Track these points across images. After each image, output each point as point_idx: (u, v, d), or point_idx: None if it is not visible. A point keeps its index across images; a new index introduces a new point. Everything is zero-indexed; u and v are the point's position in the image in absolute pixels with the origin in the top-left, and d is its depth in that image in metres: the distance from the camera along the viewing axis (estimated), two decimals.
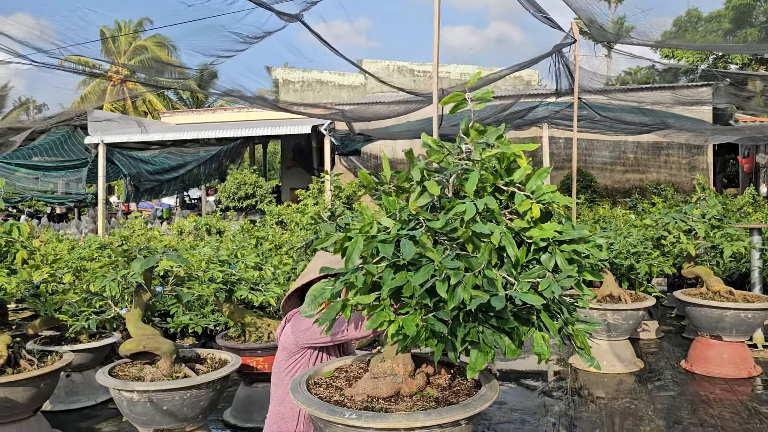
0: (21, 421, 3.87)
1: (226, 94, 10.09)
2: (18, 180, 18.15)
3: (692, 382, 5.21)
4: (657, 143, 18.03)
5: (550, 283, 2.02)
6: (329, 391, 2.27)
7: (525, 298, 1.95)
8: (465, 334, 1.99)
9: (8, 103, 35.95)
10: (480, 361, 2.01)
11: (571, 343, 2.18)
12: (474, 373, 1.98)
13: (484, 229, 1.98)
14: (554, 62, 10.03)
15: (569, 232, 2.12)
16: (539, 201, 2.14)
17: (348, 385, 2.31)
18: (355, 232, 2.17)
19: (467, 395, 2.27)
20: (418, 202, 2.22)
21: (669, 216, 5.61)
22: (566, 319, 2.17)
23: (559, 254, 2.11)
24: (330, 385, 2.35)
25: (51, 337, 4.90)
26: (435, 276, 1.94)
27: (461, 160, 2.29)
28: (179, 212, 22.68)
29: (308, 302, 2.12)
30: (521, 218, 2.17)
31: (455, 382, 2.39)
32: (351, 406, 2.10)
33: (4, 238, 4.67)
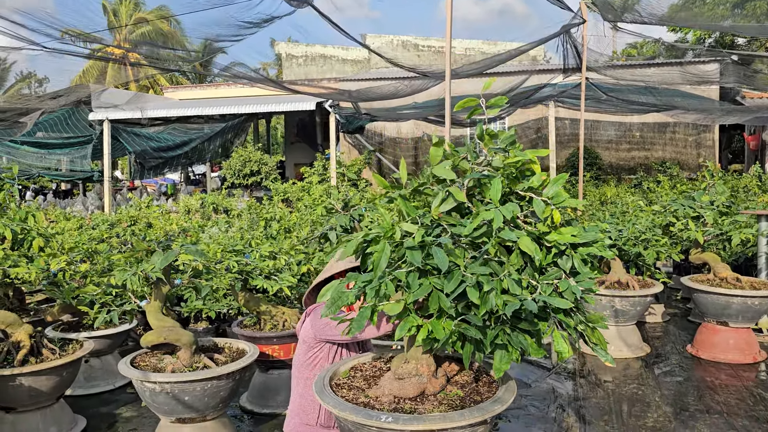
0: (45, 408, 3.98)
1: (234, 77, 10.04)
2: (23, 157, 18.17)
3: (698, 367, 5.31)
4: (663, 122, 17.95)
5: (569, 285, 2.09)
6: (353, 392, 2.32)
7: (554, 302, 2.02)
8: (494, 336, 2.05)
9: (9, 77, 35.75)
10: (506, 362, 2.07)
11: (584, 340, 2.23)
12: (501, 373, 2.05)
13: (512, 236, 2.03)
14: (562, 42, 9.96)
15: (584, 236, 2.18)
16: (557, 206, 2.19)
17: (367, 385, 2.38)
18: (379, 237, 2.22)
19: (488, 393, 2.34)
20: (441, 208, 2.26)
21: (677, 203, 5.65)
22: (580, 318, 2.23)
23: (576, 257, 2.17)
24: (351, 386, 2.40)
25: (69, 323, 4.99)
26: (464, 282, 1.99)
27: (478, 165, 2.32)
28: (184, 188, 22.71)
29: (328, 305, 2.17)
30: (540, 222, 2.22)
31: (473, 380, 2.46)
32: (379, 408, 2.16)
33: (21, 225, 4.74)
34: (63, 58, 13.32)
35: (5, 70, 35.40)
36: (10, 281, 4.89)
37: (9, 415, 3.87)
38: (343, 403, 2.17)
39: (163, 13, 30.46)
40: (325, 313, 2.23)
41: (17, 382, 3.72)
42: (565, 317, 2.17)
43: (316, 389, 2.28)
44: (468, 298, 2.03)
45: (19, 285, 5.18)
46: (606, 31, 9.49)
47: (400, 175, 2.31)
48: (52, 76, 32.40)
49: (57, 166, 18.80)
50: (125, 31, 30.07)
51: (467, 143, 2.31)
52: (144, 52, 14.57)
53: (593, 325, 2.21)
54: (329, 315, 2.24)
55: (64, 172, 18.89)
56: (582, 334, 2.18)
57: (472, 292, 1.97)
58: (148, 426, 4.19)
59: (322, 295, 2.27)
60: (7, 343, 3.90)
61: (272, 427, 4.19)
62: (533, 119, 19.09)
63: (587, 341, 2.19)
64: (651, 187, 11.78)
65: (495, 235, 2.08)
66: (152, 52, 13.44)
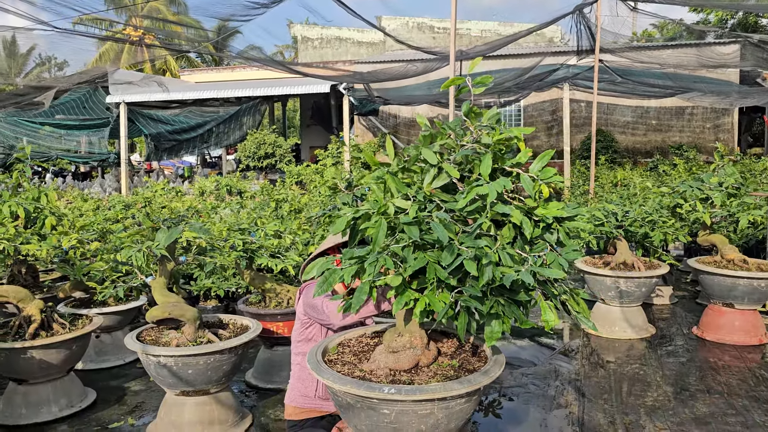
0: (56, 381, 4.10)
1: (248, 59, 10.09)
2: (42, 139, 18.45)
3: (702, 348, 5.31)
4: (681, 105, 17.70)
5: (555, 257, 2.14)
6: (347, 367, 2.37)
7: (548, 273, 2.07)
8: (489, 307, 2.10)
9: (30, 61, 36.13)
10: (497, 332, 2.13)
11: (566, 309, 2.27)
12: (492, 341, 2.11)
13: (506, 210, 2.07)
14: (575, 22, 9.87)
15: (569, 210, 2.22)
16: (545, 181, 2.22)
17: (358, 360, 2.43)
18: (369, 213, 2.26)
19: (478, 363, 2.40)
20: (434, 184, 2.30)
21: (686, 184, 5.61)
22: (564, 288, 2.28)
23: (561, 230, 2.21)
24: (343, 361, 2.44)
25: (81, 299, 5.12)
26: (461, 255, 2.03)
27: (466, 142, 2.35)
28: (200, 170, 22.92)
29: (319, 285, 2.20)
30: (528, 198, 2.25)
31: (461, 351, 2.52)
32: (376, 380, 2.22)
33: (33, 204, 4.86)
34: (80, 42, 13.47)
35: (26, 56, 35.78)
36: (23, 258, 5.03)
37: (21, 387, 4.01)
38: (343, 377, 2.21)
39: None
40: (317, 292, 2.25)
41: (28, 355, 3.85)
42: (551, 287, 2.22)
43: (311, 366, 2.32)
44: (460, 271, 2.09)
45: (33, 262, 5.32)
46: (622, 11, 9.34)
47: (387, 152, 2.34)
48: (71, 59, 32.66)
49: (76, 147, 19.09)
50: (139, 16, 30.20)
51: (453, 121, 2.34)
52: (160, 35, 14.64)
53: (576, 296, 2.26)
54: (321, 294, 2.26)
55: (82, 154, 19.17)
56: (564, 303, 2.23)
57: (470, 264, 2.01)
58: (156, 399, 4.30)
59: (307, 273, 2.30)
60: (19, 317, 4.02)
61: (276, 401, 4.29)
62: (548, 101, 18.92)
63: (569, 310, 2.23)
64: (666, 170, 11.66)
65: (489, 209, 2.12)
66: (167, 35, 13.54)
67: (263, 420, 4.02)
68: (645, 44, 15.21)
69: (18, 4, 8.99)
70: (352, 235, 2.30)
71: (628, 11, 9.87)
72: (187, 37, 11.00)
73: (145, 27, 28.65)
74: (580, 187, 10.76)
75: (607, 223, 5.64)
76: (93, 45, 30.17)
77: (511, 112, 19.77)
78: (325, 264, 2.24)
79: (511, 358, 5.12)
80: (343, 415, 2.33)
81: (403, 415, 2.13)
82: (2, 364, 3.89)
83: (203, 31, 19.61)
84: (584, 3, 8.99)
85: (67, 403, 4.13)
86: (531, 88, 14.14)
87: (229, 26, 7.27)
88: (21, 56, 35.58)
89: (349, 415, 2.26)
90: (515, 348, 5.42)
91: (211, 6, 6.73)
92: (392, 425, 2.15)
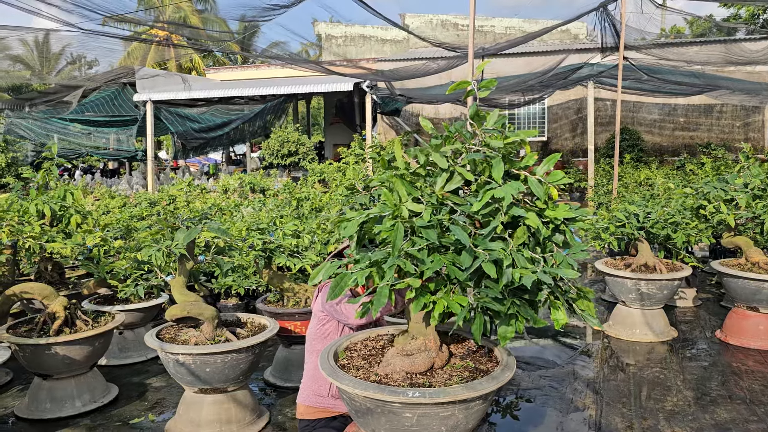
0: (79, 376, 4.20)
1: (273, 58, 10.16)
2: (73, 136, 18.81)
3: (725, 352, 5.22)
4: (710, 103, 17.36)
5: (564, 257, 2.14)
6: (361, 372, 2.36)
7: (561, 273, 2.08)
8: (507, 308, 2.12)
9: (61, 60, 36.85)
10: (511, 331, 2.15)
11: (572, 309, 2.28)
12: (506, 341, 2.15)
13: (521, 212, 2.08)
14: (600, 19, 9.74)
15: (574, 212, 2.23)
16: (553, 183, 2.23)
17: (369, 364, 2.44)
18: (379, 216, 2.27)
19: (489, 363, 2.42)
20: (447, 187, 2.30)
21: (709, 185, 5.52)
22: (570, 287, 2.28)
23: (568, 231, 2.22)
24: (355, 366, 2.45)
25: (104, 296, 5.23)
26: (478, 258, 2.04)
27: (474, 145, 2.36)
28: (225, 168, 23.16)
29: (332, 288, 2.21)
30: (538, 200, 2.25)
31: (471, 352, 2.53)
32: (393, 384, 2.23)
33: (59, 203, 4.97)
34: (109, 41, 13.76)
35: (56, 55, 36.49)
36: (49, 256, 5.15)
37: (46, 382, 4.11)
38: (362, 382, 2.22)
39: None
40: (330, 296, 2.25)
41: (52, 351, 3.94)
42: (559, 287, 2.23)
43: (326, 372, 2.32)
44: (477, 273, 2.11)
45: (59, 259, 5.44)
46: (648, 7, 9.20)
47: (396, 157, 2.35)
48: (100, 58, 33.18)
49: (105, 145, 19.44)
50: (167, 14, 30.58)
51: (458, 124, 2.35)
52: (185, 33, 14.81)
53: (583, 294, 2.26)
54: (334, 299, 2.27)
55: (110, 151, 19.51)
56: (570, 302, 2.23)
57: (488, 266, 2.02)
58: (175, 395, 4.38)
59: (313, 278, 2.30)
60: (43, 314, 4.12)
61: (293, 400, 4.32)
62: (573, 99, 18.71)
63: (575, 309, 2.24)
64: (693, 169, 11.46)
65: (504, 212, 2.12)
66: (193, 34, 13.70)
67: (280, 418, 4.07)
68: (670, 41, 14.93)
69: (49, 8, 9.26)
70: (359, 239, 2.32)
71: (654, 8, 9.71)
72: (212, 36, 11.14)
73: (172, 22, 29.02)
74: (603, 187, 10.63)
75: (629, 225, 5.57)
76: (121, 44, 30.67)
77: (535, 110, 19.60)
78: (332, 268, 2.25)
79: (530, 359, 5.09)
80: (358, 420, 2.33)
81: (425, 418, 2.15)
82: (28, 359, 3.99)
83: (228, 31, 19.80)
84: (608, 0, 8.87)
85: (90, 398, 4.22)
86: (555, 86, 14.01)
87: (252, 25, 7.36)
88: (53, 56, 36.32)
89: (366, 419, 2.26)
90: (536, 348, 5.40)
91: (233, 9, 6.78)
92: (413, 428, 2.17)
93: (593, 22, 9.91)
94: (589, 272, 8.54)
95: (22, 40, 32.83)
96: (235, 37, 14.47)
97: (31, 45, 35.22)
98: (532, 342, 5.58)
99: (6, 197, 4.85)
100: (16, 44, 32.41)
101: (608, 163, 14.33)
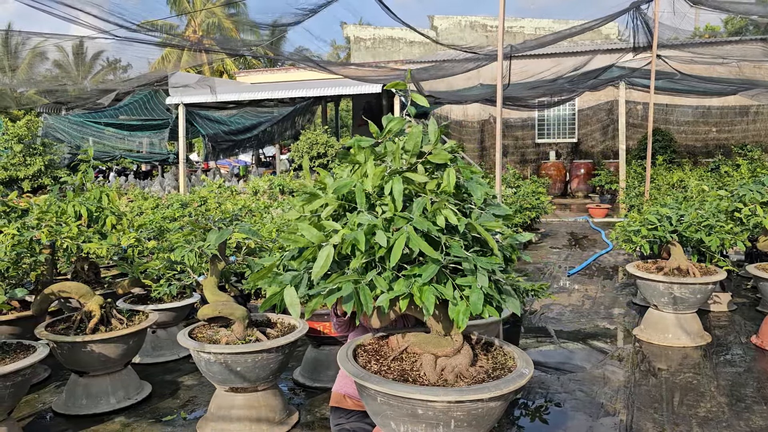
0: (114, 373, 4.30)
1: (302, 60, 10.26)
2: (107, 139, 19.24)
3: (761, 358, 5.11)
4: (745, 104, 16.99)
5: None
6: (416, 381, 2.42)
7: (487, 225, 2.35)
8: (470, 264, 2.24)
9: (96, 64, 37.68)
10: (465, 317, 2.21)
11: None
12: (463, 320, 2.20)
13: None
14: (632, 18, 9.62)
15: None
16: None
17: (404, 372, 2.46)
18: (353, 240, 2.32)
19: (511, 362, 2.50)
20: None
21: (745, 187, 5.40)
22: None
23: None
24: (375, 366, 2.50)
25: (138, 296, 5.34)
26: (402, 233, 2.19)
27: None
28: (255, 170, 23.40)
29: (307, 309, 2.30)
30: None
31: (486, 350, 2.68)
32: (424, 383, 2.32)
33: (95, 205, 5.09)
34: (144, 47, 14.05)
35: (91, 60, 37.32)
36: (85, 256, 5.28)
37: (82, 379, 4.22)
38: (399, 385, 2.26)
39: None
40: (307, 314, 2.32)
41: (88, 349, 4.05)
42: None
43: (358, 377, 2.33)
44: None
45: (95, 259, 5.57)
46: (682, 6, 9.05)
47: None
48: (135, 62, 33.90)
49: (138, 148, 19.84)
50: (198, 19, 31.08)
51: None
52: (217, 38, 15.03)
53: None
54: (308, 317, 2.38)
55: (143, 154, 19.90)
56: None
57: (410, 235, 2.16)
58: (207, 394, 4.45)
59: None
60: (80, 312, 4.23)
61: (322, 400, 4.36)
62: (604, 101, 18.48)
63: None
64: (728, 171, 11.22)
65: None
66: (224, 42, 13.90)
67: (309, 418, 4.11)
68: (704, 41, 14.66)
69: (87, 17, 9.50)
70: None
71: (689, 7, 9.55)
72: (243, 41, 11.32)
73: (205, 24, 29.42)
74: (635, 189, 10.47)
75: (661, 227, 5.49)
76: (156, 48, 31.25)
77: (565, 113, 19.41)
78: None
79: (559, 363, 5.05)
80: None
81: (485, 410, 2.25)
82: (65, 356, 4.10)
83: (258, 34, 20.02)
84: (640, 0, 8.76)
85: (125, 395, 4.32)
86: (586, 86, 13.85)
87: (280, 30, 7.45)
88: (89, 60, 37.16)
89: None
90: (566, 352, 5.35)
91: (261, 15, 6.89)
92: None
93: (625, 21, 9.79)
94: (620, 275, 8.43)
95: (59, 46, 33.65)
96: (263, 41, 14.65)
97: (68, 50, 36.09)
98: (564, 344, 5.54)
99: (44, 199, 4.98)
100: (53, 49, 33.23)
101: (640, 164, 14.12)
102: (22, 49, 29.89)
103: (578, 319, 6.34)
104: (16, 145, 15.88)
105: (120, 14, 7.62)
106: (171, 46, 18.93)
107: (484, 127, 20.10)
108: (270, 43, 16.26)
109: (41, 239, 4.31)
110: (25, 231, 4.31)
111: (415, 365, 2.44)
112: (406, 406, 2.21)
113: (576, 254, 10.07)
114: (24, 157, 16.00)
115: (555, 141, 19.68)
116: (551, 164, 18.66)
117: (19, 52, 30.02)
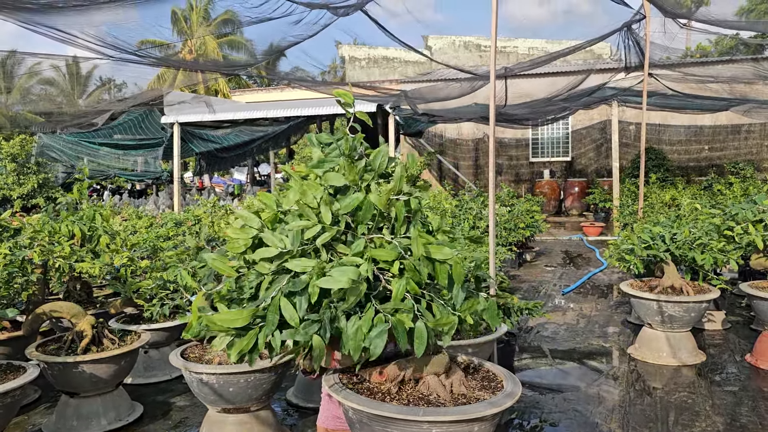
0: (105, 394, 4.25)
1: (297, 80, 10.33)
2: (102, 158, 19.24)
3: (756, 377, 5.10)
4: (737, 123, 17.16)
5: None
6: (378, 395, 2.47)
7: (439, 253, 2.52)
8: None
9: (90, 83, 37.80)
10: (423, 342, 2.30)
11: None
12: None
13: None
14: (623, 38, 9.73)
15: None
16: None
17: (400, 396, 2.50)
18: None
19: (487, 383, 2.58)
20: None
21: (737, 206, 5.44)
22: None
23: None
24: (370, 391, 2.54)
25: (131, 315, 5.30)
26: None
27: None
28: (249, 189, 23.42)
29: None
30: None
31: (470, 371, 2.77)
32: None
33: (89, 224, 5.08)
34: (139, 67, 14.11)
35: (88, 78, 37.46)
36: (78, 275, 5.26)
37: (73, 399, 4.17)
38: (399, 407, 2.32)
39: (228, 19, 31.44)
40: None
41: (79, 369, 4.01)
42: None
43: (358, 401, 2.41)
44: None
45: (87, 279, 5.55)
46: (673, 27, 9.17)
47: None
48: (129, 81, 33.97)
49: (133, 166, 19.84)
50: (194, 43, 31.27)
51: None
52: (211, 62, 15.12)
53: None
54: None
55: (138, 172, 19.90)
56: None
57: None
58: (199, 414, 4.40)
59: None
60: (72, 332, 4.20)
61: (315, 420, 4.32)
62: (597, 121, 18.63)
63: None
64: (721, 189, 11.30)
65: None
66: (217, 64, 13.97)
67: None
68: (696, 60, 14.83)
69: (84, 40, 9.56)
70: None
71: (679, 28, 9.67)
72: (239, 61, 11.42)
73: (200, 45, 29.60)
74: (628, 207, 10.52)
75: (654, 246, 5.50)
76: (151, 67, 31.38)
77: (559, 133, 19.55)
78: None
79: (554, 383, 5.03)
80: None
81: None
82: (56, 377, 4.06)
83: (253, 55, 20.15)
84: (632, 20, 8.86)
85: (116, 416, 4.27)
86: (579, 104, 13.98)
87: (276, 50, 7.52)
88: (83, 79, 37.26)
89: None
90: (561, 371, 5.33)
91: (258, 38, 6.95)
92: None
93: (616, 42, 9.90)
94: (615, 294, 8.43)
95: (54, 65, 33.77)
96: (258, 60, 14.76)
97: (63, 70, 36.21)
98: (556, 365, 5.52)
99: (38, 218, 4.97)
100: (48, 69, 33.34)
101: (633, 183, 14.20)
102: (17, 69, 29.98)
103: (573, 337, 6.33)
104: (9, 164, 15.85)
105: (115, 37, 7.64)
106: (166, 65, 19.04)
107: (478, 146, 20.21)
108: (266, 64, 16.37)
109: (33, 259, 4.29)
110: (17, 250, 4.29)
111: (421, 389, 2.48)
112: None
113: (570, 272, 10.08)
114: (18, 176, 15.97)
115: (549, 160, 19.79)
116: (545, 183, 18.74)
117: (15, 72, 30.11)
